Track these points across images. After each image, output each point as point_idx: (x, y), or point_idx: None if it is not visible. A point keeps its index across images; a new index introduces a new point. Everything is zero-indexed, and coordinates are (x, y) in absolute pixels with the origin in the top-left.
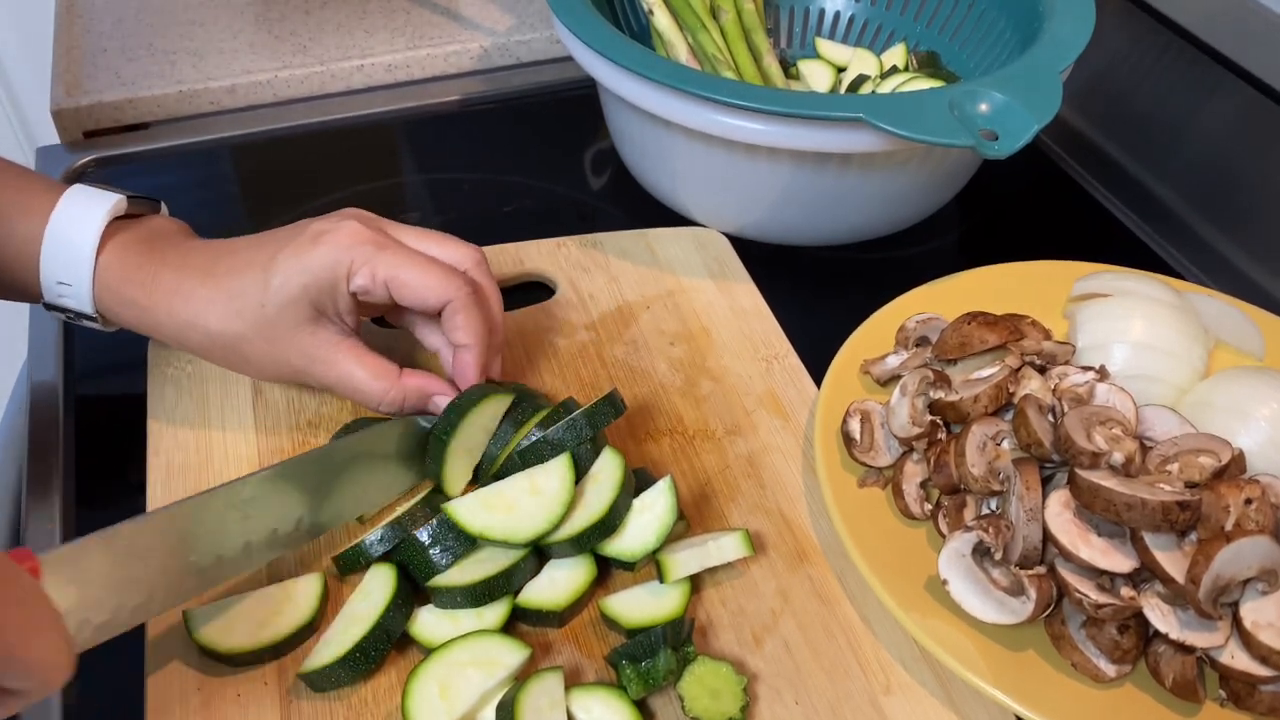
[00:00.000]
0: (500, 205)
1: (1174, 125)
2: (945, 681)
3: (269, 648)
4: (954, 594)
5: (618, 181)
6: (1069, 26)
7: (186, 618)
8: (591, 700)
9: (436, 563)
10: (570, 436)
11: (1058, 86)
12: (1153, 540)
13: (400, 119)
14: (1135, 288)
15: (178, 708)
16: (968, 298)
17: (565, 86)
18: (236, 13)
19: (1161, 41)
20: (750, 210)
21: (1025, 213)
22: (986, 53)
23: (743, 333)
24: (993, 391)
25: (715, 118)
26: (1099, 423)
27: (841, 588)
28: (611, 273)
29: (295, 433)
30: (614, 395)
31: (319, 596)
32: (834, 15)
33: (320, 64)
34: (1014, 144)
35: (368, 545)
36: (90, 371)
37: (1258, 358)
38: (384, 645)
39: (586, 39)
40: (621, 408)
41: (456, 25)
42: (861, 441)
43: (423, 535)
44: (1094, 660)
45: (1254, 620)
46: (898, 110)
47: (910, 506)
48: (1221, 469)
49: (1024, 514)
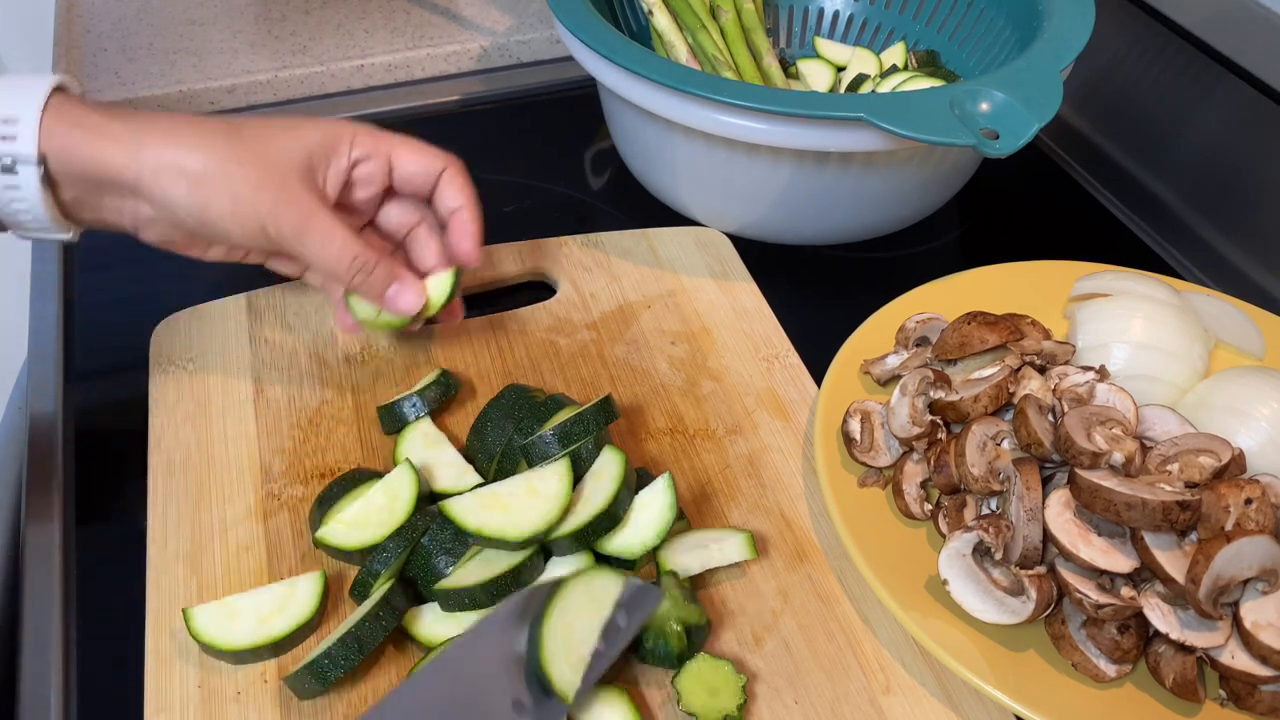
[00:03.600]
0: (500, 205)
1: (1174, 125)
2: (945, 681)
3: (269, 645)
4: (954, 594)
5: (618, 181)
6: (1069, 26)
7: (187, 616)
8: (590, 699)
9: (436, 564)
10: (563, 441)
11: (1058, 86)
12: (1153, 540)
13: (400, 119)
14: (1135, 288)
15: (178, 705)
16: (968, 298)
17: (565, 86)
18: (236, 13)
19: (1161, 41)
20: (751, 210)
21: (1025, 213)
22: (986, 52)
23: (743, 332)
24: (993, 391)
25: (715, 117)
26: (1099, 423)
27: (841, 588)
28: (613, 272)
29: (296, 431)
30: (608, 401)
31: (319, 595)
32: (833, 15)
33: (320, 64)
34: (1015, 143)
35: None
36: (90, 371)
37: (1258, 358)
38: (354, 655)
39: (586, 39)
40: (615, 414)
41: (456, 25)
42: (862, 441)
43: (425, 539)
44: (1094, 660)
45: (1254, 620)
46: (898, 110)
47: (910, 506)
48: (1221, 469)
49: (1024, 514)
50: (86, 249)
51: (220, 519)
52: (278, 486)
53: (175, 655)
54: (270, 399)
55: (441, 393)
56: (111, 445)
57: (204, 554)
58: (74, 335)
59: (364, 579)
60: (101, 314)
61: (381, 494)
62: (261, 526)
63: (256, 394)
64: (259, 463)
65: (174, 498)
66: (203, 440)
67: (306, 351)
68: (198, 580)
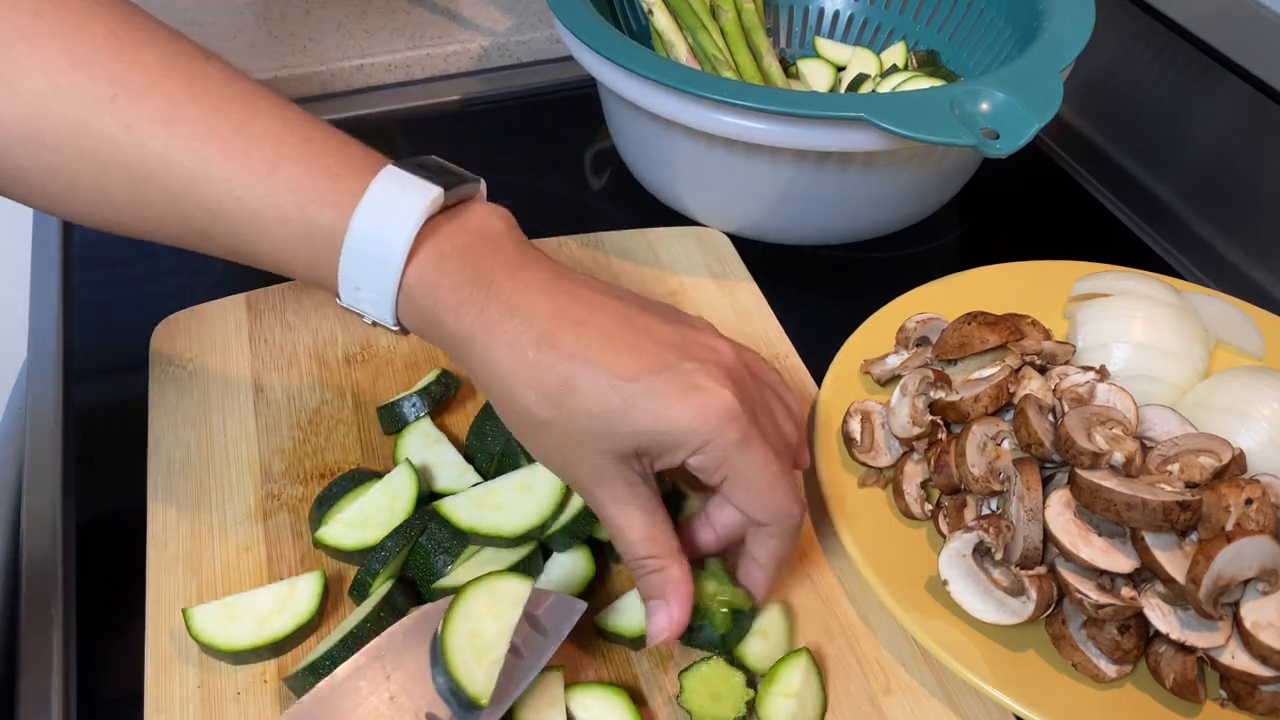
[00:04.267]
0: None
1: (1174, 125)
2: (945, 681)
3: (269, 645)
4: (954, 594)
5: (618, 181)
6: (1069, 26)
7: (187, 615)
8: (590, 698)
9: (435, 563)
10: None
11: (1058, 86)
12: (1153, 540)
13: (400, 119)
14: (1135, 288)
15: (177, 705)
16: (968, 298)
17: (565, 86)
18: (236, 13)
19: (1161, 41)
20: (751, 210)
21: (1025, 213)
22: (986, 52)
23: (744, 332)
24: (993, 391)
25: (715, 117)
26: (1099, 423)
27: (841, 588)
28: (613, 272)
29: (296, 431)
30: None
31: (319, 595)
32: (833, 14)
33: (320, 64)
34: (1015, 143)
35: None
36: (90, 371)
37: (1258, 358)
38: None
39: (586, 39)
40: None
41: (456, 25)
42: (862, 441)
43: (423, 539)
44: (1094, 660)
45: (1254, 620)
46: (899, 109)
47: (910, 506)
48: (1222, 469)
49: (1024, 514)
50: (86, 249)
51: (220, 519)
52: (278, 486)
53: (175, 655)
54: (270, 399)
55: (441, 393)
56: (111, 445)
57: (204, 554)
58: (74, 335)
59: (362, 578)
60: (101, 314)
61: (381, 494)
62: (261, 527)
63: (256, 394)
64: (259, 463)
65: (174, 498)
66: (203, 440)
67: (306, 351)
68: (198, 580)
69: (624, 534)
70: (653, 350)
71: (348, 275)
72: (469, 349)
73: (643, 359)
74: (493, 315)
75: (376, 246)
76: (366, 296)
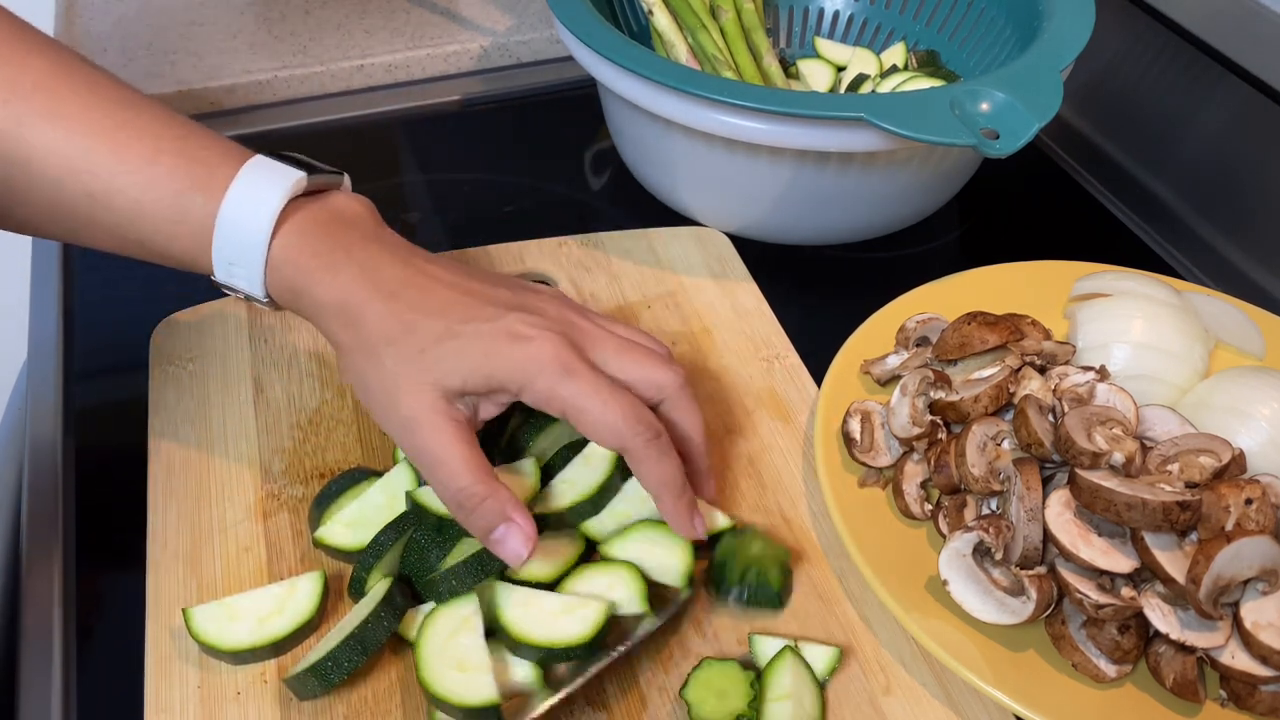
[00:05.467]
0: (500, 205)
1: (1174, 125)
2: (945, 681)
3: (269, 645)
4: (954, 594)
5: (618, 181)
6: (1069, 26)
7: (187, 616)
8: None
9: (429, 558)
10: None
11: (1058, 86)
12: (1153, 540)
13: (400, 119)
14: (1135, 288)
15: (177, 705)
16: (968, 298)
17: (565, 86)
18: (236, 13)
19: (1161, 41)
20: (751, 210)
21: (1025, 213)
22: (986, 52)
23: (743, 332)
24: (993, 391)
25: (715, 117)
26: (1099, 423)
27: (841, 588)
28: (612, 272)
29: (296, 430)
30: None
31: (319, 595)
32: (833, 15)
33: (320, 64)
34: (1015, 143)
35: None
36: (90, 371)
37: (1258, 358)
38: (358, 656)
39: (586, 39)
40: None
41: (456, 25)
42: (862, 441)
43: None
44: (1094, 660)
45: (1254, 620)
46: (899, 110)
47: (910, 506)
48: (1222, 469)
49: (1024, 514)
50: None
51: (220, 519)
52: (277, 486)
53: (175, 655)
54: (270, 399)
55: None
56: (111, 445)
57: (204, 554)
58: (74, 335)
59: (358, 575)
60: (101, 314)
61: (381, 493)
62: (261, 526)
63: (256, 394)
64: (259, 462)
65: (174, 498)
66: (203, 440)
67: (306, 351)
68: (198, 580)
69: (445, 464)
70: (487, 307)
71: (221, 253)
72: (325, 310)
73: (475, 311)
74: (348, 277)
75: (245, 223)
76: (238, 272)
